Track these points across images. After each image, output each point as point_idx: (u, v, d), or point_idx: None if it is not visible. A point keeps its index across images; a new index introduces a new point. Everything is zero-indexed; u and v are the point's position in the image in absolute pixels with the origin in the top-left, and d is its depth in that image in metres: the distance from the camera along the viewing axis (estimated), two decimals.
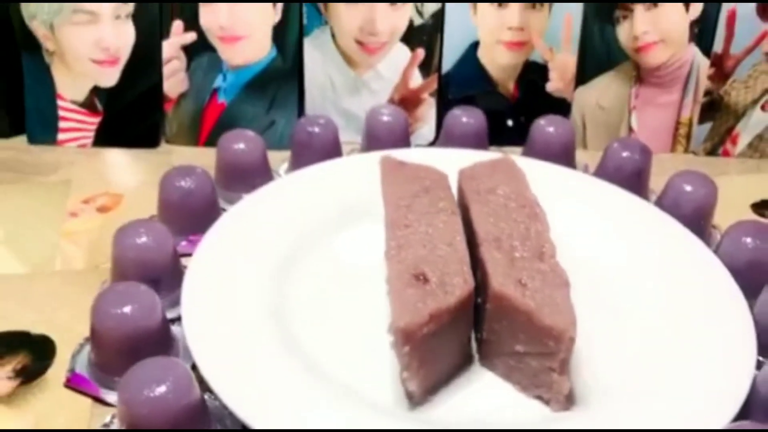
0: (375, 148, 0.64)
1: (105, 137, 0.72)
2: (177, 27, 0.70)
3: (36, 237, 0.60)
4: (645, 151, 0.63)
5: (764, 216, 0.65)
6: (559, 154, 0.65)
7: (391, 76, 0.72)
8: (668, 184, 0.60)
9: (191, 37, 0.71)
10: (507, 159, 0.55)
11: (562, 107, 0.73)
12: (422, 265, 0.44)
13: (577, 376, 0.45)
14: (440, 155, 0.61)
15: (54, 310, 0.53)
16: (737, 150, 0.73)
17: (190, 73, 0.71)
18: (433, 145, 0.73)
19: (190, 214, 0.57)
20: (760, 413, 0.44)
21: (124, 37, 0.70)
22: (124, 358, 0.44)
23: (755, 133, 0.72)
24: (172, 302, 0.50)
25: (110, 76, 0.70)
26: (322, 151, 0.64)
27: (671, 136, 0.73)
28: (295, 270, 0.53)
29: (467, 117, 0.67)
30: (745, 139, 0.72)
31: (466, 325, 0.46)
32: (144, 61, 0.70)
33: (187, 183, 0.57)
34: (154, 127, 0.72)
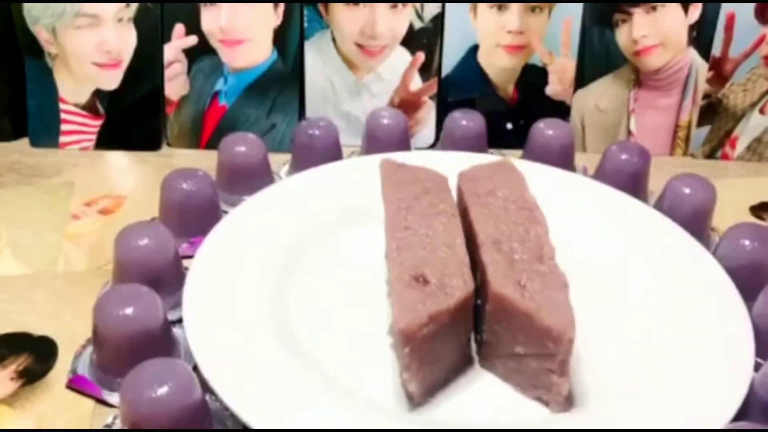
0: (375, 150, 0.64)
1: (107, 140, 0.72)
2: (178, 30, 0.71)
3: (38, 239, 0.60)
4: (644, 153, 0.63)
5: (762, 219, 0.65)
6: (558, 157, 0.65)
7: (392, 79, 0.72)
8: (667, 186, 0.60)
9: (192, 40, 0.71)
10: (506, 161, 0.55)
11: (562, 110, 0.73)
12: (422, 266, 0.45)
13: (577, 378, 0.45)
14: (440, 158, 0.61)
15: (56, 311, 0.53)
16: (736, 153, 0.73)
17: (191, 76, 0.72)
18: (433, 147, 0.73)
19: (191, 217, 0.58)
20: (758, 414, 0.44)
21: (125, 41, 0.70)
22: (126, 360, 0.44)
23: (754, 136, 0.72)
24: (174, 304, 0.50)
25: (112, 79, 0.71)
26: (323, 154, 0.64)
27: (670, 139, 0.74)
28: (296, 272, 0.53)
29: (467, 120, 0.67)
30: (743, 142, 0.73)
31: (466, 327, 0.46)
32: (145, 65, 0.71)
33: (188, 185, 0.58)
34: (156, 129, 0.73)
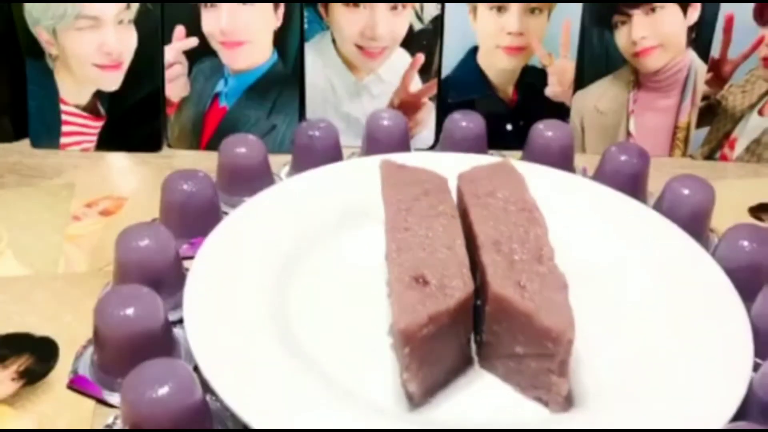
0: (375, 151, 0.64)
1: (107, 141, 0.72)
2: (179, 32, 0.71)
3: (39, 240, 0.60)
4: (643, 154, 0.63)
5: (761, 219, 0.65)
6: (557, 158, 0.65)
7: (392, 81, 0.73)
8: (666, 187, 0.60)
9: (193, 42, 0.71)
10: (506, 163, 0.55)
11: (561, 111, 0.73)
12: (422, 267, 0.45)
13: (576, 378, 0.45)
14: (440, 159, 0.61)
15: (57, 312, 0.53)
16: (735, 154, 0.73)
17: (191, 77, 0.72)
18: (432, 148, 0.73)
19: (192, 218, 0.58)
20: (757, 414, 0.44)
21: (126, 42, 0.70)
22: (127, 360, 0.44)
23: (753, 137, 0.72)
24: (174, 305, 0.50)
25: (113, 80, 0.71)
26: (323, 155, 0.64)
27: (669, 140, 0.74)
28: (296, 273, 0.53)
29: (467, 121, 0.67)
30: (742, 143, 0.73)
31: (466, 327, 0.46)
32: (146, 66, 0.71)
33: (189, 186, 0.58)
34: (157, 131, 0.73)
